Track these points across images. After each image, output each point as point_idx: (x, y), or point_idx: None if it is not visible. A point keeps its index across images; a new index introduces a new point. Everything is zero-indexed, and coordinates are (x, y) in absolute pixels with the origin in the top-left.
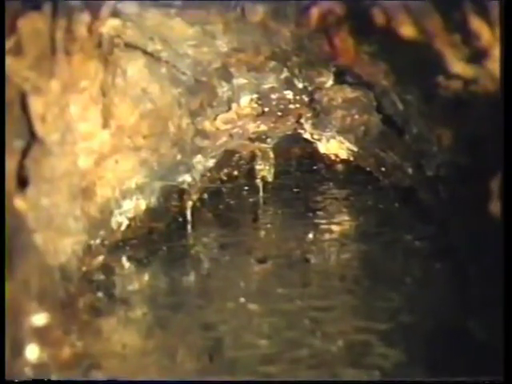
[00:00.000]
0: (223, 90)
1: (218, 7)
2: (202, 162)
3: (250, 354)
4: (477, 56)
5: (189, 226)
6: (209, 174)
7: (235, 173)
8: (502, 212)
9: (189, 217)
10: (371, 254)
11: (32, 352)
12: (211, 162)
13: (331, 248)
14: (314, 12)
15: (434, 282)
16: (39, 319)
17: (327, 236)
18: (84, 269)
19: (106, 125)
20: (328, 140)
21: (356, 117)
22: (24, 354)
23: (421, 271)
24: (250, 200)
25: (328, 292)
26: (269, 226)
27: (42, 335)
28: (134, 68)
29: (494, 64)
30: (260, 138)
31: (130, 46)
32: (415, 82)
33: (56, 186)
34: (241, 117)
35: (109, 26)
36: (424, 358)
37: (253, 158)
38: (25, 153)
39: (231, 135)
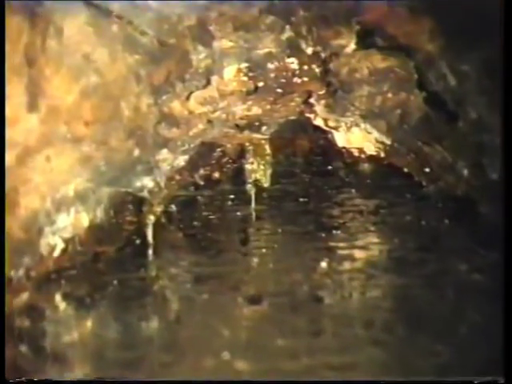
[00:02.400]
0: (199, 56)
1: None
2: (170, 160)
3: None
4: None
5: (150, 251)
6: (179, 177)
7: (216, 175)
8: None
9: (150, 237)
10: (409, 290)
11: None
12: (182, 160)
13: (353, 282)
14: None
15: (497, 330)
16: None
17: (347, 265)
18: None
19: (33, 106)
20: (349, 128)
21: (389, 95)
22: None
23: (479, 315)
24: (238, 214)
25: (348, 344)
26: (264, 250)
27: None
28: (73, 26)
29: None
30: (251, 125)
31: None
32: (473, 47)
33: None
34: (224, 95)
35: None
36: None
37: (241, 153)
38: None
39: (210, 121)
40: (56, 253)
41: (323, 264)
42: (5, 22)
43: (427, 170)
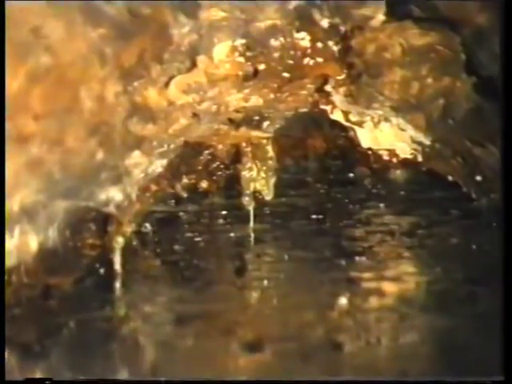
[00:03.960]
0: (182, 31)
1: None
2: (143, 165)
3: None
4: None
5: (117, 284)
6: (155, 188)
7: (203, 185)
8: None
9: (117, 266)
10: (455, 334)
11: None
12: (159, 165)
13: (382, 324)
14: None
15: None
16: None
17: (374, 302)
18: None
19: None
20: (376, 124)
21: (428, 81)
22: None
23: None
24: (232, 235)
25: None
26: (266, 282)
27: None
28: None
29: None
30: (250, 119)
31: None
32: None
33: None
34: (214, 81)
35: None
36: None
37: (236, 156)
38: None
39: (196, 115)
40: None
41: (343, 300)
42: (5, 21)
43: (478, 178)
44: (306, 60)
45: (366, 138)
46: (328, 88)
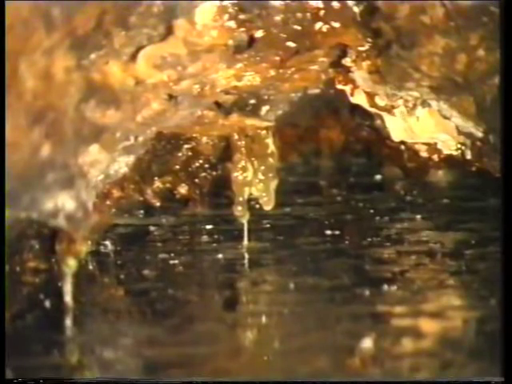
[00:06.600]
0: None
1: None
2: (103, 164)
3: None
4: None
5: (68, 321)
6: (118, 194)
7: (182, 190)
8: None
9: (68, 297)
10: None
11: None
12: (124, 164)
13: (418, 373)
14: None
15: None
16: None
17: (408, 345)
18: None
19: None
20: (411, 110)
21: (480, 53)
22: None
23: None
24: (220, 257)
25: None
26: (264, 319)
27: None
28: None
29: None
30: (243, 103)
31: None
32: None
33: None
34: (197, 53)
35: None
36: None
37: (226, 153)
38: None
39: (173, 97)
40: None
41: (367, 342)
42: (5, 21)
43: None
44: (318, 25)
45: (397, 128)
46: (347, 62)
